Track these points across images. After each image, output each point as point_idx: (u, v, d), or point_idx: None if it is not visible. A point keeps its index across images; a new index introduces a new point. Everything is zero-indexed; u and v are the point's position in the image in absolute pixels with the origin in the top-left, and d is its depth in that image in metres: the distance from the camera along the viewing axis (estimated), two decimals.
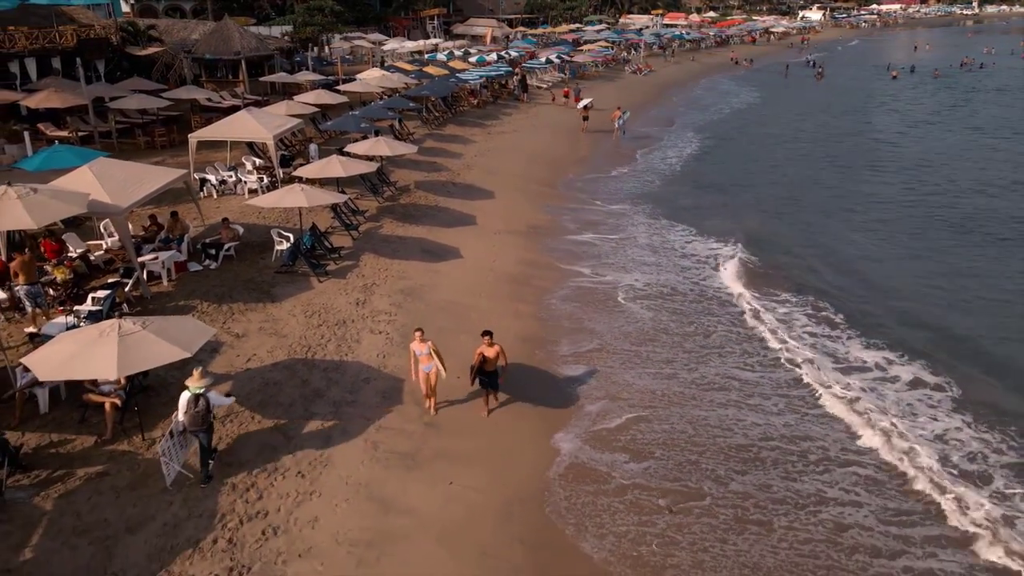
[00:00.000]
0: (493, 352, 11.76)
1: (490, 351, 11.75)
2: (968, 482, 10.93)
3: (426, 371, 11.68)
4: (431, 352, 11.60)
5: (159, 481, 9.63)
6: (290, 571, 8.61)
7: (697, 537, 9.78)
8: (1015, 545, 9.64)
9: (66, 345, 9.68)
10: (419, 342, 11.73)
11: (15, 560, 8.29)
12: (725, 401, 13.19)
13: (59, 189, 12.98)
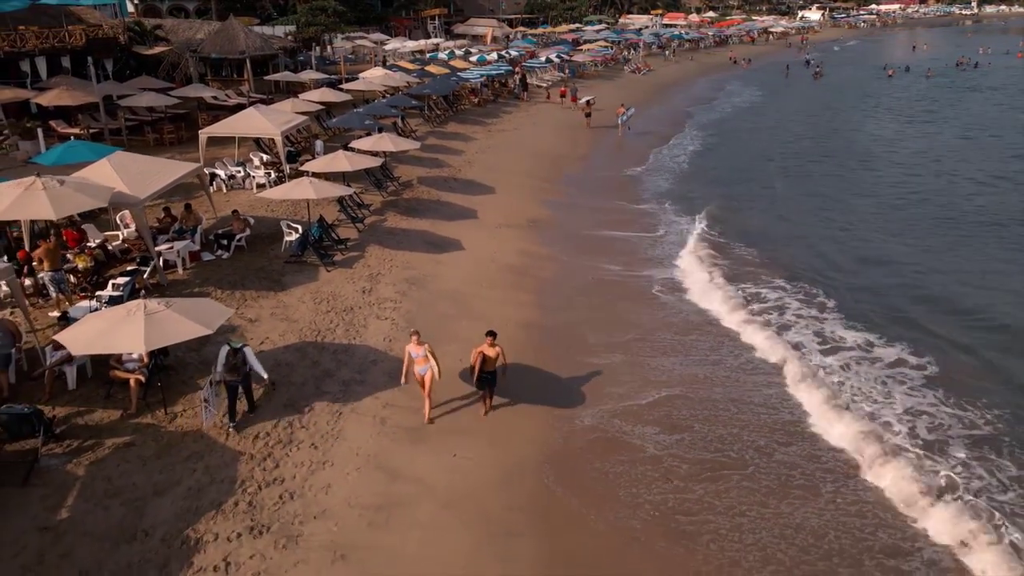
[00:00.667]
0: (494, 352, 11.70)
1: (491, 351, 11.69)
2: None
3: (421, 373, 11.56)
4: (427, 354, 11.46)
5: (185, 453, 10.32)
6: (306, 531, 9.27)
7: (734, 501, 10.45)
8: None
9: (96, 323, 10.36)
10: (415, 344, 11.62)
11: (53, 519, 8.96)
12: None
13: (85, 182, 13.67)
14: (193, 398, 11.55)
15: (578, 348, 15.04)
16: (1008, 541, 9.69)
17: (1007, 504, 10.45)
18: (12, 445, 9.88)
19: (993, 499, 10.56)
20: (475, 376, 11.85)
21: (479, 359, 11.70)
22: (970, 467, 11.28)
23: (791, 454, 11.70)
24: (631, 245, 21.94)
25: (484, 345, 11.73)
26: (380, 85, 36.19)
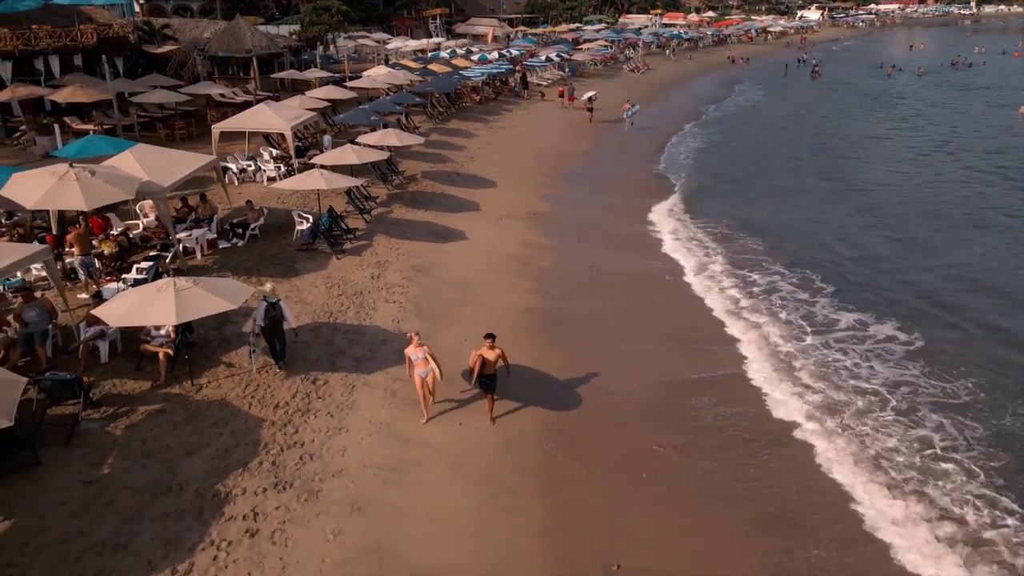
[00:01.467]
0: (494, 355, 11.63)
1: (491, 354, 11.62)
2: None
3: (422, 376, 11.53)
4: (427, 356, 11.44)
5: (213, 418, 11.17)
6: (325, 487, 10.11)
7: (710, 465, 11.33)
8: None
9: (129, 299, 11.21)
10: (415, 346, 11.59)
11: (96, 473, 9.80)
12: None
13: (114, 172, 14.50)
14: (219, 371, 12.43)
15: (577, 331, 15.90)
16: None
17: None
18: (54, 409, 10.71)
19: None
20: (473, 377, 11.77)
21: (478, 362, 11.57)
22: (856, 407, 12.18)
23: (758, 432, 12.58)
24: (629, 236, 22.81)
25: (484, 348, 11.63)
26: (384, 83, 37.03)
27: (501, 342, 14.22)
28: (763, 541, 9.83)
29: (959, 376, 14.03)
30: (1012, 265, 20.04)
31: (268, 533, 9.14)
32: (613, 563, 9.22)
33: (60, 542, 8.61)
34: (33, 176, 14.07)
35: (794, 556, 9.59)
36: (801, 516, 10.35)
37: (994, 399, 13.25)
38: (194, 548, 8.75)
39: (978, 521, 10.16)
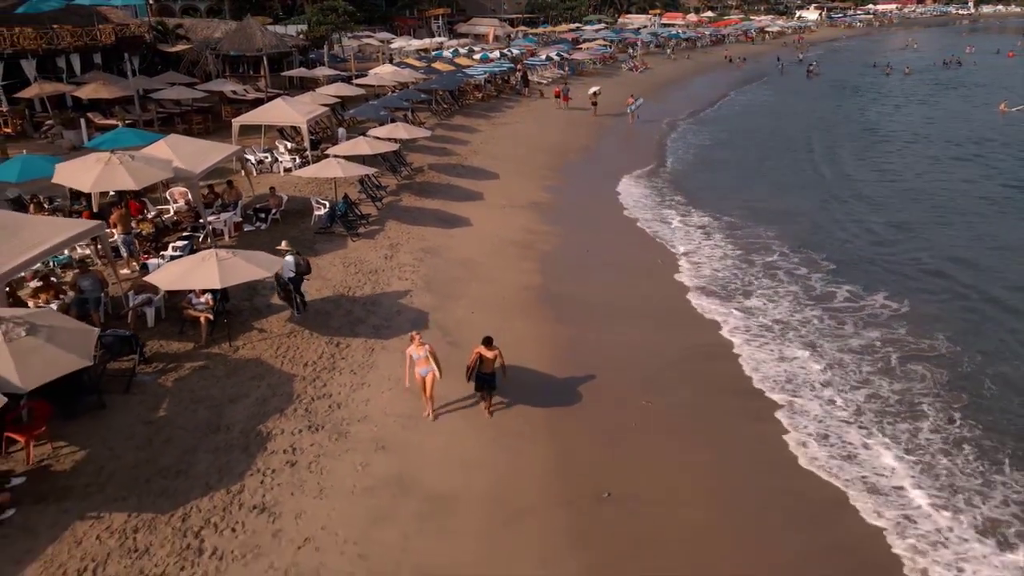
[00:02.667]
0: (492, 355, 11.79)
1: (489, 353, 11.79)
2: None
3: (423, 375, 11.69)
4: (428, 356, 11.60)
5: (252, 373, 12.61)
6: (352, 430, 11.53)
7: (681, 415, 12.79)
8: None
9: (176, 268, 12.67)
10: (416, 346, 11.75)
11: (154, 416, 11.24)
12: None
13: (151, 157, 15.94)
14: (252, 335, 13.88)
15: (574, 305, 17.33)
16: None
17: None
18: (112, 365, 12.14)
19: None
20: (468, 373, 11.99)
21: (476, 360, 11.83)
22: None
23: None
24: (627, 223, 24.25)
25: (481, 348, 11.82)
26: (390, 81, 38.45)
27: (505, 314, 15.82)
28: (727, 477, 11.29)
29: (936, 333, 15.71)
30: (977, 242, 21.61)
31: (305, 464, 10.57)
32: (605, 491, 10.64)
33: (130, 468, 10.05)
34: (79, 164, 15.52)
35: (746, 491, 11.04)
36: (759, 458, 11.81)
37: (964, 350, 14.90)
38: (243, 474, 10.18)
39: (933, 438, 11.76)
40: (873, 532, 10.09)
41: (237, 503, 9.62)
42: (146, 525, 9.06)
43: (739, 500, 10.72)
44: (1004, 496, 10.74)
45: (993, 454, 11.72)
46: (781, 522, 10.32)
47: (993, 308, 17.36)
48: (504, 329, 15.51)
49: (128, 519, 9.11)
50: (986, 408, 13.04)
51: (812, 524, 10.34)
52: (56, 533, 8.76)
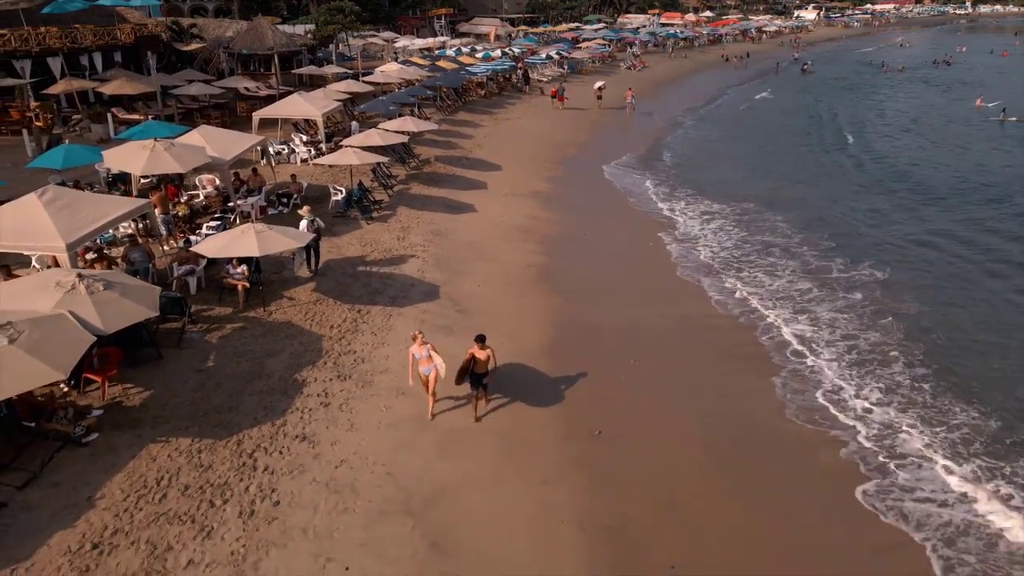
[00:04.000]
0: (484, 355, 11.89)
1: (481, 354, 11.86)
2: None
3: (426, 373, 11.84)
4: (430, 354, 11.78)
5: (285, 333, 14.26)
6: (375, 380, 13.18)
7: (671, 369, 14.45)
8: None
9: (219, 240, 14.34)
10: (419, 345, 11.90)
11: (204, 365, 12.90)
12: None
13: (187, 145, 17.60)
14: (283, 302, 15.55)
15: (572, 281, 18.97)
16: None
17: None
18: (164, 324, 13.80)
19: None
20: (459, 371, 12.00)
21: (469, 361, 11.92)
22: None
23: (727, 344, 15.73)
24: (621, 209, 25.93)
25: (475, 348, 11.90)
26: (397, 78, 40.10)
27: (509, 288, 17.48)
28: (710, 422, 12.96)
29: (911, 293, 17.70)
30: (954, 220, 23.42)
31: (337, 405, 12.23)
32: (596, 430, 12.29)
33: (189, 405, 11.71)
34: (125, 150, 17.20)
35: (724, 430, 12.71)
36: (738, 403, 13.47)
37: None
38: (284, 412, 11.84)
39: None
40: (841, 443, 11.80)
41: (281, 433, 11.28)
42: (207, 448, 10.72)
43: (717, 436, 12.40)
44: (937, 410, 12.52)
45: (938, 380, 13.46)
46: (754, 450, 11.98)
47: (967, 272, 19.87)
48: (508, 300, 17.35)
49: (192, 443, 10.77)
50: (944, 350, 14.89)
51: (793, 449, 12.01)
52: (134, 452, 10.42)
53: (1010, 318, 17.06)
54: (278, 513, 9.63)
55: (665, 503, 10.59)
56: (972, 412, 13.00)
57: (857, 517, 10.51)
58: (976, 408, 13.12)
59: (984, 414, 12.94)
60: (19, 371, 8.95)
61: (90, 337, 10.03)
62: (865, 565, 9.71)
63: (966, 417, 12.87)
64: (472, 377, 12.09)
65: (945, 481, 11.25)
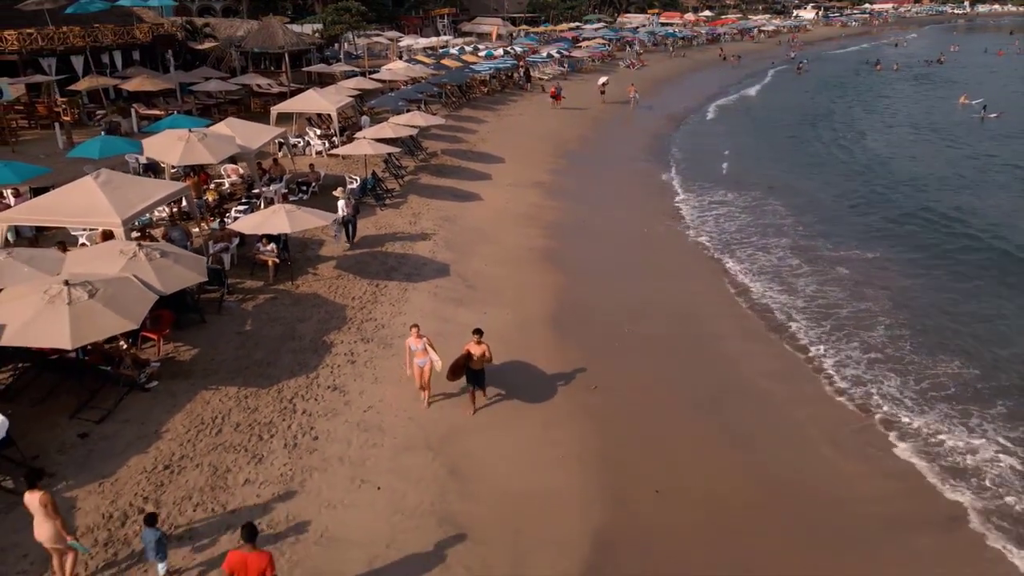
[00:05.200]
0: (480, 351, 12.02)
1: (477, 349, 12.01)
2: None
3: (420, 365, 12.05)
4: (426, 347, 11.96)
5: (312, 303, 15.80)
6: (395, 343, 14.63)
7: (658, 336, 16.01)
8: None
9: (252, 219, 15.88)
10: (415, 337, 12.06)
11: (243, 328, 14.46)
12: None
13: (220, 135, 19.14)
14: (308, 277, 17.11)
15: (571, 260, 20.54)
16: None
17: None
18: (204, 294, 15.36)
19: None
20: (452, 366, 12.10)
21: (465, 357, 12.07)
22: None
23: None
24: (619, 197, 27.49)
25: (471, 343, 12.09)
26: (404, 76, 41.63)
27: (514, 267, 18.94)
28: (694, 378, 14.51)
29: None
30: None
31: (362, 362, 13.77)
32: (593, 384, 13.82)
33: (233, 360, 13.25)
34: (163, 140, 18.75)
35: (702, 384, 14.26)
36: (715, 362, 15.03)
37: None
38: (316, 367, 13.38)
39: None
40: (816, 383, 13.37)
41: (315, 384, 12.83)
42: (252, 395, 12.27)
43: (698, 388, 13.96)
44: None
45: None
46: (730, 399, 13.53)
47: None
48: (512, 277, 18.91)
49: (239, 390, 12.32)
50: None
51: (765, 398, 13.56)
52: (190, 396, 11.97)
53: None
54: (317, 446, 11.17)
55: (652, 441, 12.14)
56: (946, 367, 14.68)
57: (811, 448, 12.11)
58: (945, 363, 14.79)
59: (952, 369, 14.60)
60: (99, 320, 10.48)
61: (153, 295, 11.56)
62: (818, 482, 11.25)
63: (942, 370, 14.61)
64: (468, 373, 12.20)
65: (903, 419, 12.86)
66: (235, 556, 7.38)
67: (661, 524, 10.25)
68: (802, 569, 9.54)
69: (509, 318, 16.48)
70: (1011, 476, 11.43)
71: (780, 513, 10.58)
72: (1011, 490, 11.10)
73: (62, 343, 10.18)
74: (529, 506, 10.34)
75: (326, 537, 9.33)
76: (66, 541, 8.04)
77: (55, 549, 8.08)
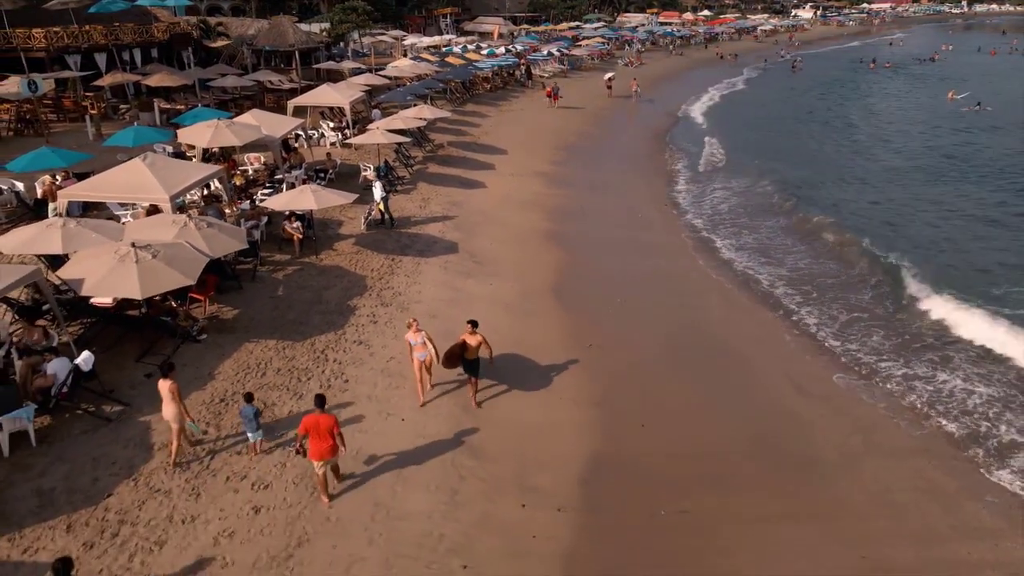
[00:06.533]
0: (475, 341, 12.27)
1: (472, 340, 12.27)
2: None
3: (420, 359, 12.26)
4: (425, 341, 12.16)
5: (335, 274, 17.53)
6: (411, 306, 16.40)
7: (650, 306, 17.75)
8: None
9: (282, 197, 17.61)
10: (414, 332, 12.25)
11: (275, 294, 16.18)
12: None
13: (245, 124, 20.88)
14: (330, 252, 18.83)
15: (571, 240, 22.24)
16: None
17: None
18: (239, 265, 17.08)
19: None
20: (447, 354, 12.32)
21: (460, 347, 12.35)
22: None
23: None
24: (616, 186, 29.20)
25: (465, 334, 12.39)
26: (410, 72, 43.36)
27: (517, 245, 20.58)
28: (675, 333, 16.25)
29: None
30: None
31: (383, 322, 15.49)
32: (589, 343, 15.53)
33: (269, 320, 14.98)
34: (195, 128, 20.49)
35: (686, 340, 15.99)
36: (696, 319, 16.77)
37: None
38: (343, 326, 15.11)
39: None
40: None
41: (343, 339, 14.56)
42: (289, 347, 14.00)
43: (680, 345, 15.70)
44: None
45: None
46: (709, 354, 15.26)
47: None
48: (517, 253, 20.62)
49: (277, 343, 14.05)
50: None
51: (739, 352, 15.28)
52: (235, 347, 13.70)
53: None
54: (348, 387, 12.89)
55: (639, 387, 13.87)
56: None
57: (776, 388, 13.84)
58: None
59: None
60: (162, 276, 12.19)
61: (205, 258, 13.29)
62: (782, 420, 12.97)
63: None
64: (464, 363, 12.54)
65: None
66: (309, 418, 9.64)
67: (645, 450, 11.97)
68: (763, 481, 11.26)
69: (514, 288, 18.20)
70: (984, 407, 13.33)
71: (746, 439, 12.31)
72: (983, 417, 12.96)
73: (133, 293, 11.91)
74: (532, 434, 12.07)
75: (361, 454, 11.06)
76: (184, 421, 10.43)
77: (175, 425, 10.34)
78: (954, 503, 10.98)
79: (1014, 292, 18.10)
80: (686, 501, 10.71)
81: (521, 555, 9.47)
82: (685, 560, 9.65)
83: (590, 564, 9.47)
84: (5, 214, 19.34)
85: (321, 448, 9.57)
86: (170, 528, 9.34)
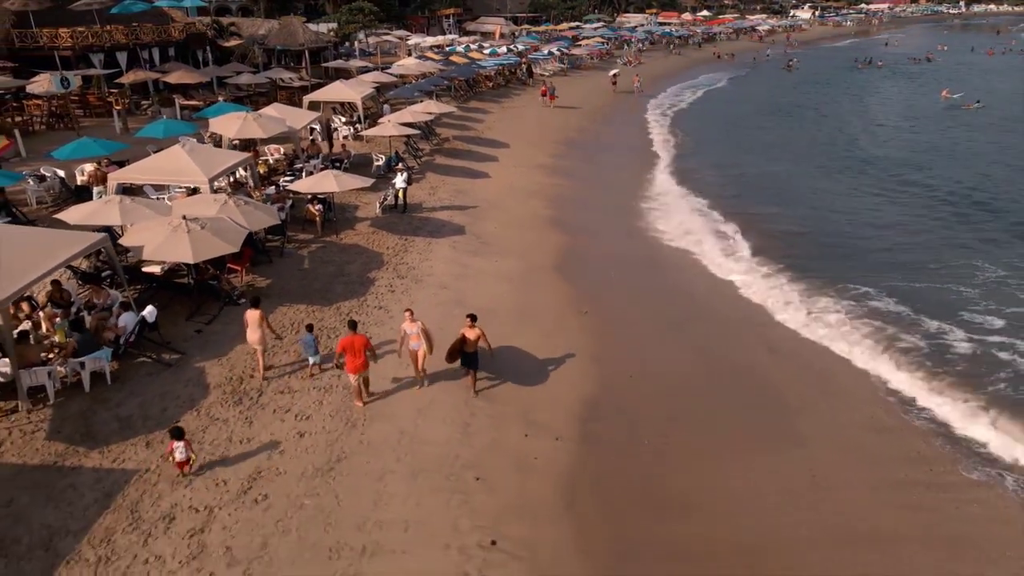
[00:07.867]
0: (474, 335, 12.57)
1: (471, 333, 12.57)
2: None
3: (414, 348, 12.62)
4: (419, 332, 12.38)
5: (354, 251, 19.31)
6: (424, 279, 18.14)
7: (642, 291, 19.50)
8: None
9: (306, 182, 19.40)
10: (409, 322, 12.45)
11: (302, 268, 17.97)
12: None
13: (271, 116, 22.67)
14: (349, 232, 20.62)
15: (570, 224, 24.00)
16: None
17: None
18: (268, 242, 18.86)
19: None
20: (449, 351, 12.84)
21: (460, 341, 12.72)
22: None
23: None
24: (613, 178, 30.97)
25: (464, 327, 12.72)
26: (416, 71, 45.16)
27: (521, 229, 22.32)
28: (662, 302, 18.02)
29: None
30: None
31: (399, 292, 17.27)
32: (584, 309, 17.29)
33: (297, 289, 16.76)
34: (224, 119, 22.28)
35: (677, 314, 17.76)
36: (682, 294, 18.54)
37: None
38: (364, 294, 16.88)
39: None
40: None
41: (365, 304, 16.34)
42: (318, 310, 15.78)
43: (667, 310, 17.48)
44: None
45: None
46: (693, 320, 17.02)
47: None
48: (520, 236, 22.38)
49: (307, 307, 15.84)
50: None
51: (720, 315, 17.05)
52: (271, 310, 15.42)
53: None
54: (372, 342, 14.65)
55: (628, 344, 15.66)
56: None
57: (748, 341, 15.62)
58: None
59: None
60: (211, 243, 13.96)
61: (245, 229, 15.07)
62: (752, 365, 14.72)
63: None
64: (463, 356, 12.92)
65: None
66: (345, 339, 11.90)
67: (633, 395, 13.75)
68: (732, 420, 13.04)
69: (517, 265, 19.96)
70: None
71: (719, 387, 14.09)
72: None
73: (187, 258, 13.69)
74: (533, 382, 13.83)
75: (386, 394, 12.83)
76: (267, 344, 12.79)
77: (259, 347, 12.71)
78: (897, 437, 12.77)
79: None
80: (666, 437, 12.48)
81: (525, 471, 11.24)
82: (662, 474, 11.43)
83: (583, 478, 11.23)
84: (51, 198, 21.14)
85: (356, 363, 11.77)
86: (230, 447, 11.12)
